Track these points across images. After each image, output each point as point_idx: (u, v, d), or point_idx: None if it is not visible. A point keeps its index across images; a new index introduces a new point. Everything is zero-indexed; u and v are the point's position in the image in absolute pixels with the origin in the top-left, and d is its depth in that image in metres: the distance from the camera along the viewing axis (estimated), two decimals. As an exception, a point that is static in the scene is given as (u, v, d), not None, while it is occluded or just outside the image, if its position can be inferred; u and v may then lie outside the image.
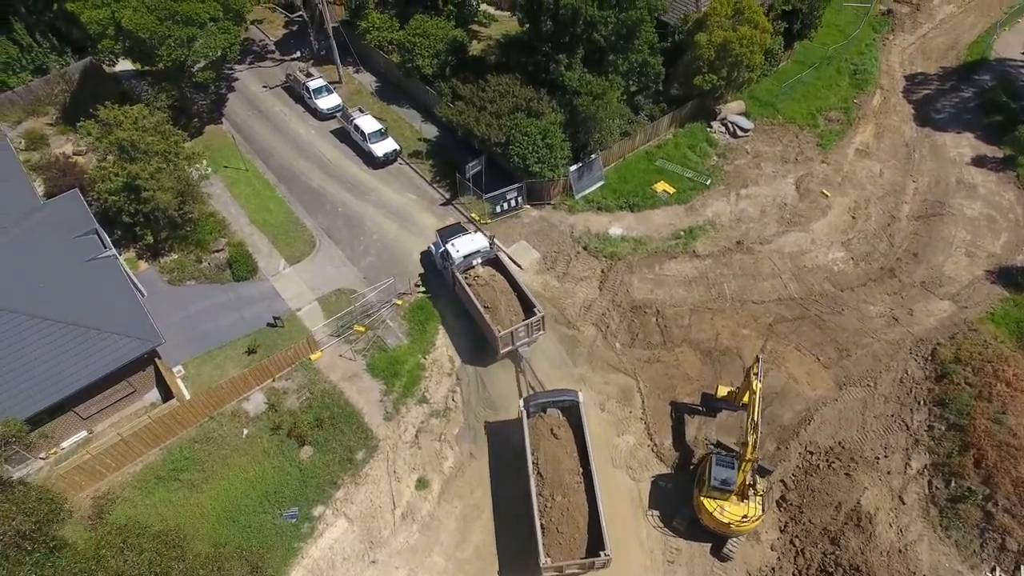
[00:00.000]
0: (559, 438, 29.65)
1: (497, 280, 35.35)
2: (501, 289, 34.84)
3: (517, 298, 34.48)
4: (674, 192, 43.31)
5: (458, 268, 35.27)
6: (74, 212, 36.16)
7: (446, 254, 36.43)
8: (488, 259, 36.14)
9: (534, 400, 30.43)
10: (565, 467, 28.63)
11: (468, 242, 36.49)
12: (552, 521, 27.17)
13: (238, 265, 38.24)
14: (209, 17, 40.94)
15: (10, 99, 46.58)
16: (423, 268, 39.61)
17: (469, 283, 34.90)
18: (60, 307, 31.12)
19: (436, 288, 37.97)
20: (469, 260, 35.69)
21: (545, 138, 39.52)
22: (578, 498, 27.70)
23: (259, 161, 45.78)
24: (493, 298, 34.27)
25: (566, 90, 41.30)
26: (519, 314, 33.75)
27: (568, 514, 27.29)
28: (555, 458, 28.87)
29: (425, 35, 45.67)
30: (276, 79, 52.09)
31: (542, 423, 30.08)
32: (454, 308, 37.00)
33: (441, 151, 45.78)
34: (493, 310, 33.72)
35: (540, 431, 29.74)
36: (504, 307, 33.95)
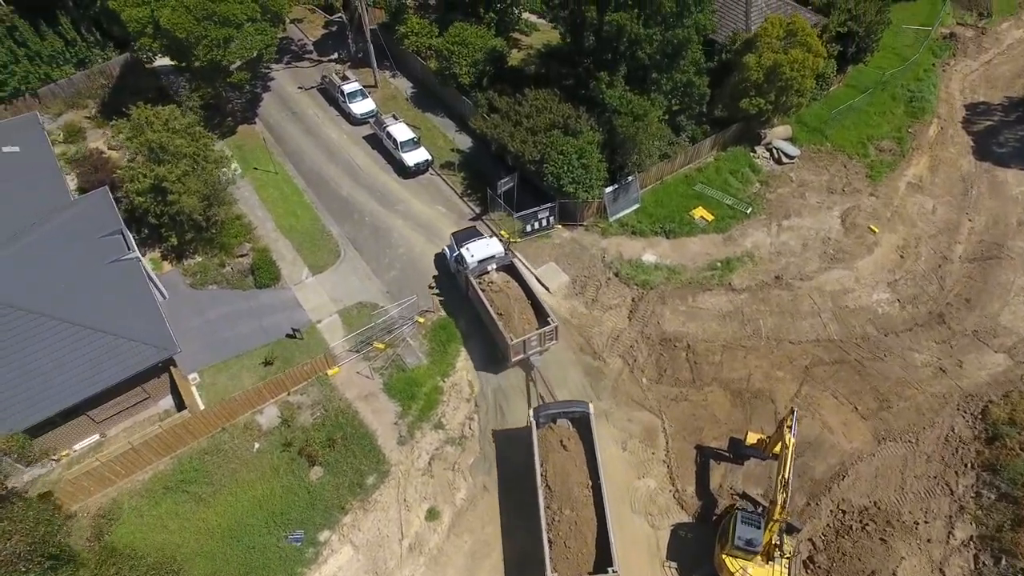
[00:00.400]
0: (568, 450, 29.03)
1: (511, 287, 34.86)
2: (515, 296, 34.35)
3: (531, 306, 33.99)
4: (712, 220, 41.56)
5: (472, 273, 34.68)
6: (101, 211, 35.93)
7: (460, 258, 35.87)
8: (503, 265, 35.44)
9: (544, 411, 29.84)
10: (574, 480, 28.06)
11: (483, 247, 35.87)
12: (560, 535, 26.61)
13: (261, 272, 37.66)
14: (246, 18, 40.47)
15: (52, 91, 46.80)
16: (437, 271, 39.01)
17: (483, 288, 34.33)
18: (79, 309, 30.82)
19: (456, 303, 36.89)
20: (484, 265, 35.10)
21: (581, 158, 38.16)
22: (587, 512, 27.14)
23: (289, 164, 45.22)
24: (507, 305, 33.87)
25: (605, 108, 39.88)
26: (532, 323, 33.32)
27: (576, 528, 26.73)
28: (564, 470, 28.32)
29: (464, 43, 44.58)
30: (312, 80, 51.54)
31: (551, 434, 29.51)
32: (477, 331, 35.88)
33: (474, 163, 44.71)
34: (506, 317, 33.27)
35: (549, 442, 29.17)
36: (517, 315, 33.51)
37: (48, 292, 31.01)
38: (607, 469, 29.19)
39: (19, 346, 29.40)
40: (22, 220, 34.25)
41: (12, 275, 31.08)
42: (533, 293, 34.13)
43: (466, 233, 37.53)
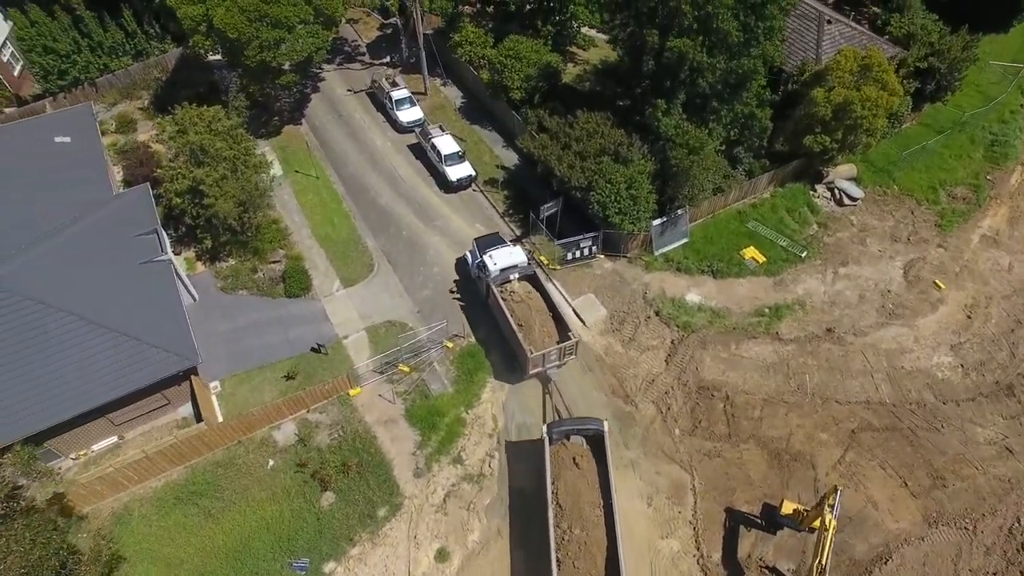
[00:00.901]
0: (581, 468, 28.38)
1: (533, 298, 34.29)
2: (537, 308, 33.78)
3: (552, 319, 33.36)
4: (764, 261, 39.24)
5: (494, 282, 34.12)
6: (140, 208, 35.71)
7: (482, 265, 35.26)
8: (525, 275, 34.81)
9: (558, 427, 29.22)
10: (585, 499, 27.42)
11: (506, 255, 35.24)
12: (568, 555, 26.00)
13: (292, 281, 36.98)
14: (299, 20, 39.81)
15: (110, 81, 47.15)
16: (457, 275, 38.45)
17: (504, 298, 33.74)
18: (107, 311, 30.53)
19: (487, 329, 35.55)
20: (506, 274, 34.54)
21: (630, 188, 36.36)
22: (597, 533, 26.52)
23: (331, 169, 44.53)
24: (527, 316, 33.29)
25: (660, 136, 38.00)
26: (553, 335, 32.74)
27: (586, 548, 26.12)
28: (575, 489, 27.72)
29: (518, 57, 43.13)
30: (362, 83, 50.80)
31: (564, 451, 28.85)
32: (507, 360, 34.51)
33: (518, 182, 43.26)
34: (527, 329, 32.70)
35: (562, 460, 28.52)
36: (538, 327, 32.92)
37: (78, 291, 30.80)
38: (629, 524, 27.73)
39: (45, 344, 29.22)
40: (63, 214, 34.15)
41: (45, 271, 30.92)
42: (555, 305, 33.57)
43: (489, 240, 36.85)
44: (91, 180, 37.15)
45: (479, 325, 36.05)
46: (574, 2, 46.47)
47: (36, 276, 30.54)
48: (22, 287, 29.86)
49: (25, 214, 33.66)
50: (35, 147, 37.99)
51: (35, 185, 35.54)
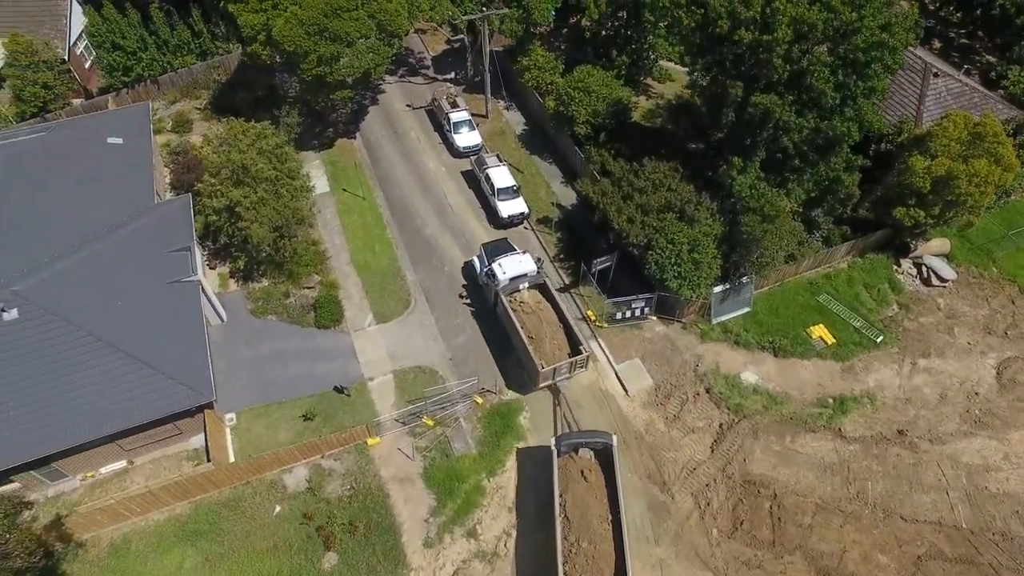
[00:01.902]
0: (589, 482, 28.27)
1: (543, 308, 34.03)
2: (547, 320, 33.52)
3: (563, 331, 33.02)
4: (832, 343, 35.42)
5: (503, 291, 33.63)
6: (177, 221, 34.65)
7: (491, 274, 34.56)
8: (535, 284, 34.53)
9: (566, 439, 28.99)
10: (593, 512, 27.32)
11: (516, 264, 34.52)
12: (576, 568, 25.89)
13: (324, 311, 35.29)
14: (360, 35, 37.94)
15: (172, 79, 46.59)
16: (465, 279, 37.79)
17: (514, 308, 33.35)
18: (127, 333, 29.44)
19: (518, 383, 33.09)
20: (515, 283, 34.15)
21: (693, 251, 33.16)
22: (605, 546, 26.31)
23: (379, 190, 42.68)
24: (538, 329, 33.01)
25: (731, 193, 34.68)
26: (563, 348, 32.52)
27: (593, 562, 26.00)
28: (583, 502, 27.67)
29: (587, 90, 40.23)
30: (422, 99, 48.77)
31: (573, 464, 28.82)
32: (539, 425, 32.00)
33: (574, 224, 40.45)
34: (537, 341, 32.39)
35: (570, 473, 28.50)
36: (548, 339, 32.68)
37: (101, 308, 29.80)
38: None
39: (61, 363, 28.29)
40: (103, 219, 33.43)
41: (71, 285, 30.03)
42: (566, 317, 32.95)
43: (497, 246, 36.03)
44: (136, 186, 36.30)
45: (512, 379, 33.62)
46: (654, 33, 43.22)
47: (61, 290, 29.69)
48: (46, 301, 29.05)
49: (66, 218, 33.11)
50: (87, 147, 37.40)
51: (81, 188, 34.94)
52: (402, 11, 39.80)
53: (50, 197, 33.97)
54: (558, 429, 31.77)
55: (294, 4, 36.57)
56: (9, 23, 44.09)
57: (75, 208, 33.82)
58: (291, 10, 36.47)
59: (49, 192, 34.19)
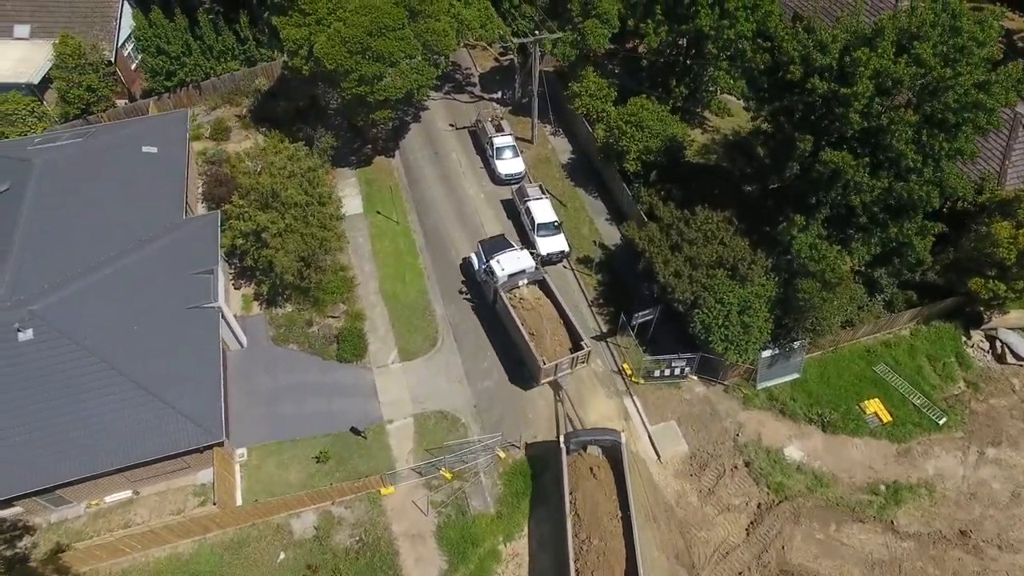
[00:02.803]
0: (598, 479, 28.42)
1: (543, 305, 33.98)
2: (548, 316, 33.45)
3: (563, 326, 32.94)
4: (889, 421, 32.49)
5: (503, 288, 33.41)
6: (203, 241, 33.56)
7: (490, 271, 34.30)
8: (535, 280, 34.46)
9: (575, 437, 28.96)
10: (603, 510, 27.47)
11: (514, 260, 34.35)
12: (587, 565, 25.98)
13: (347, 344, 33.79)
14: (404, 55, 36.23)
15: (214, 85, 45.68)
16: (463, 275, 37.81)
17: (514, 305, 33.23)
18: (140, 361, 28.43)
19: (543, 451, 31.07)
20: (514, 280, 34.02)
21: (743, 313, 30.62)
22: (615, 543, 26.44)
23: (414, 214, 41.02)
24: (538, 325, 32.97)
25: (788, 249, 32.05)
26: (564, 343, 32.52)
27: (604, 559, 26.13)
28: (593, 500, 27.79)
29: (640, 125, 37.82)
30: (466, 119, 46.88)
31: (581, 462, 28.91)
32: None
33: (616, 267, 38.08)
34: (538, 337, 32.33)
35: (579, 470, 28.57)
36: (549, 336, 32.65)
37: (117, 332, 28.78)
38: None
39: (71, 389, 27.38)
40: (130, 234, 32.61)
41: (89, 305, 29.05)
42: (566, 312, 32.78)
43: (494, 243, 35.78)
44: (167, 199, 35.41)
45: (536, 431, 31.65)
46: (716, 65, 40.53)
47: (79, 311, 28.74)
48: (62, 322, 28.13)
49: (94, 231, 32.42)
50: (121, 155, 36.55)
51: (111, 199, 34.14)
52: (451, 31, 37.99)
53: (80, 208, 33.13)
54: (563, 427, 31.53)
55: (339, 21, 35.03)
56: (63, 23, 43.72)
57: (103, 220, 32.97)
58: (335, 26, 34.95)
59: (79, 202, 33.35)
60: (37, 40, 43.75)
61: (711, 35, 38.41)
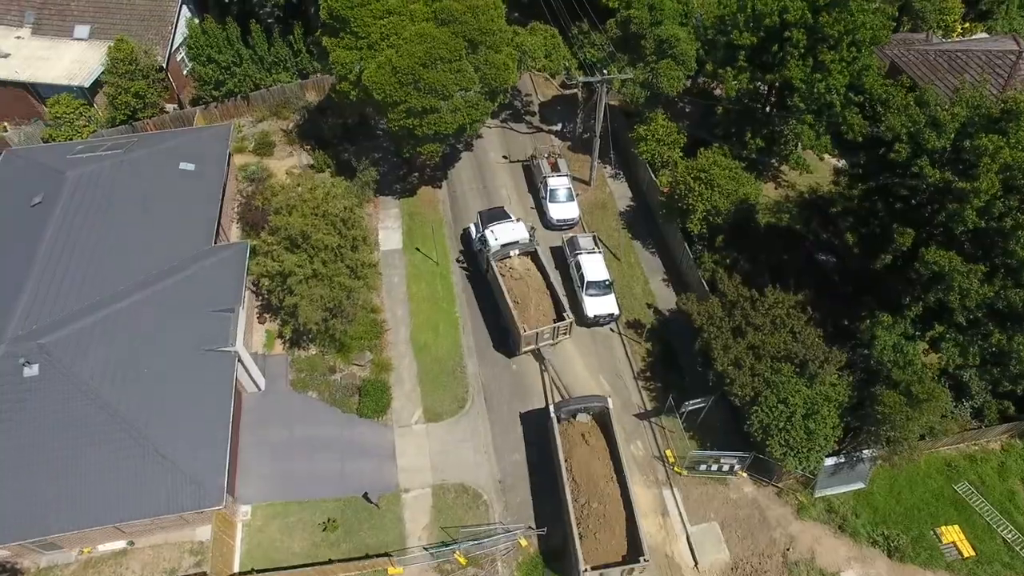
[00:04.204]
0: (590, 445, 29.03)
1: (532, 275, 34.43)
2: (535, 287, 33.98)
3: (549, 298, 33.48)
4: (970, 555, 28.25)
5: (494, 256, 34.01)
6: (229, 274, 31.69)
7: (484, 240, 35.18)
8: (527, 251, 34.86)
9: (564, 407, 29.46)
10: (599, 474, 28.09)
11: (508, 231, 35.13)
12: (589, 528, 26.65)
13: (368, 398, 31.47)
14: (459, 88, 33.57)
15: (262, 96, 44.03)
16: (463, 245, 38.63)
17: (502, 273, 33.74)
18: (145, 408, 26.80)
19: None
20: (506, 250, 34.56)
21: (808, 416, 26.97)
22: (613, 505, 27.27)
23: (455, 255, 38.37)
24: (524, 294, 33.59)
25: (870, 350, 28.18)
26: (548, 314, 33.05)
27: (605, 521, 26.86)
28: (588, 465, 28.37)
29: (709, 183, 34.22)
30: (521, 151, 43.95)
31: (573, 429, 29.57)
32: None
33: (668, 336, 34.60)
34: (522, 306, 32.95)
35: (571, 438, 29.26)
36: (534, 306, 33.25)
37: (123, 375, 27.15)
38: None
39: (69, 433, 25.81)
40: (155, 261, 31.10)
41: (99, 341, 27.46)
42: (553, 285, 33.39)
43: (492, 214, 36.75)
44: (197, 224, 33.79)
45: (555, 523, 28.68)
46: (800, 119, 36.48)
47: (88, 347, 27.26)
48: (69, 359, 26.74)
49: (118, 255, 31.05)
50: (157, 172, 35.10)
51: (142, 221, 32.74)
52: (511, 64, 35.13)
53: (107, 230, 31.66)
54: (550, 397, 31.98)
55: (391, 48, 32.59)
56: (121, 25, 42.84)
57: (129, 245, 31.56)
58: (386, 53, 32.52)
59: (107, 224, 31.86)
60: (95, 41, 42.95)
61: (800, 88, 34.50)
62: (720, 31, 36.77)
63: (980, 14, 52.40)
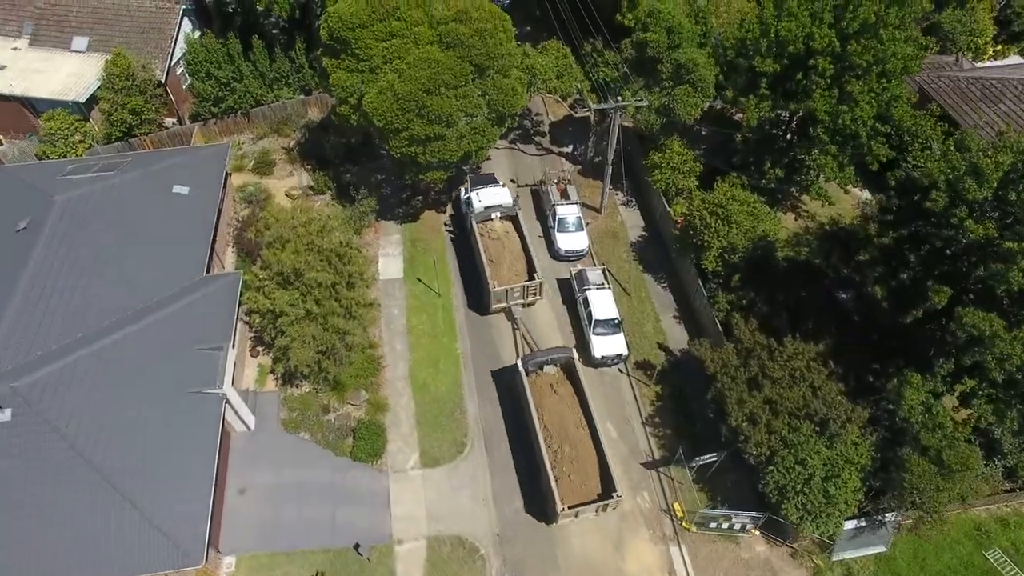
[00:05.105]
0: (559, 394, 30.21)
1: (511, 238, 35.52)
2: (512, 249, 35.06)
3: (525, 262, 34.61)
4: (1001, 631, 26.52)
5: (476, 218, 35.28)
6: (220, 308, 30.36)
7: (468, 202, 36.61)
8: (508, 215, 35.94)
9: (531, 359, 30.47)
10: (569, 420, 29.38)
11: (492, 195, 36.50)
12: (564, 471, 27.95)
13: (363, 441, 29.97)
14: (464, 115, 31.97)
15: (263, 113, 42.63)
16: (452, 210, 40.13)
17: (482, 234, 34.98)
18: (123, 457, 25.35)
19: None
20: (488, 212, 35.70)
21: (828, 479, 25.22)
22: (584, 447, 28.54)
23: (458, 285, 36.79)
24: (500, 254, 34.76)
25: (895, 407, 26.32)
26: (521, 276, 34.03)
27: (578, 463, 28.12)
28: (559, 413, 29.61)
29: (726, 218, 32.44)
30: (530, 174, 42.25)
31: (541, 380, 30.66)
32: None
33: (679, 379, 32.83)
34: (496, 265, 34.11)
35: (540, 388, 30.36)
36: (507, 266, 34.41)
37: (102, 420, 25.69)
38: None
39: (39, 484, 24.30)
40: (142, 294, 29.67)
41: (77, 385, 25.96)
42: (529, 249, 34.42)
43: (481, 178, 38.16)
44: (189, 253, 32.34)
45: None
46: (824, 150, 34.54)
47: (67, 389, 25.78)
48: (45, 403, 25.25)
49: (102, 289, 29.39)
50: (150, 196, 33.59)
51: (128, 250, 31.00)
52: (520, 89, 33.48)
53: (93, 259, 30.02)
54: (519, 352, 32.91)
55: (394, 72, 31.00)
56: (120, 37, 41.51)
57: (116, 276, 29.94)
58: (388, 78, 30.95)
59: (94, 253, 30.25)
60: (93, 53, 41.64)
61: (824, 120, 32.61)
62: (741, 53, 34.95)
63: (1012, 35, 50.09)
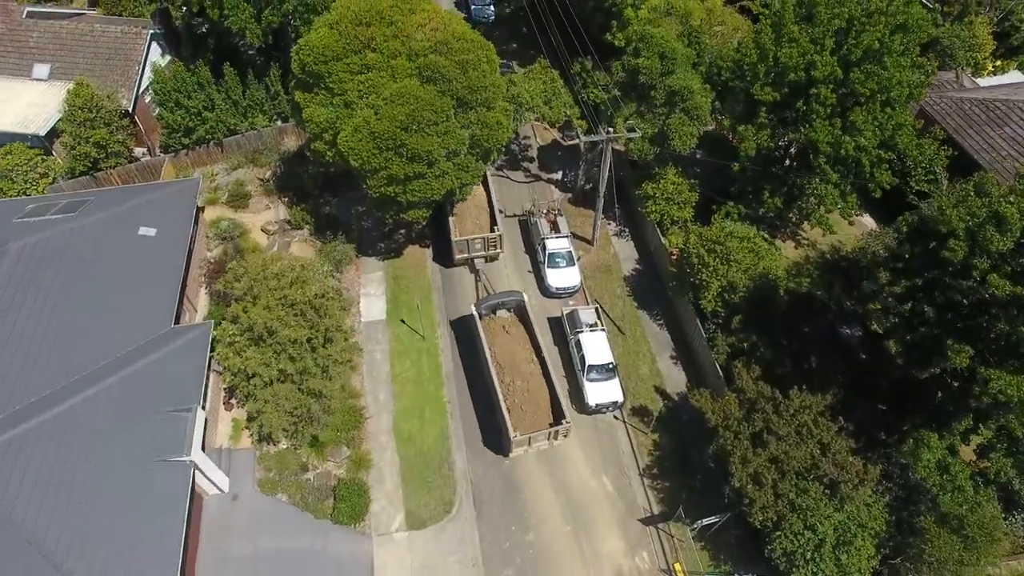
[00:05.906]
0: (511, 334, 31.89)
1: (476, 196, 36.85)
2: (477, 204, 36.84)
3: (489, 217, 36.43)
4: None
5: None
6: (188, 365, 28.35)
7: None
8: None
9: (484, 303, 32.19)
10: (521, 357, 30.97)
11: None
12: (516, 403, 29.47)
13: (345, 502, 28.09)
14: (446, 151, 30.13)
15: (238, 143, 40.57)
16: None
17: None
18: (79, 543, 23.04)
19: None
20: None
21: (839, 547, 23.60)
22: (535, 381, 30.21)
23: (444, 326, 34.97)
24: (464, 209, 36.29)
25: (910, 464, 24.76)
26: (483, 228, 35.71)
27: (529, 395, 29.74)
28: (510, 351, 31.28)
29: (724, 256, 30.76)
30: (518, 203, 40.41)
31: (495, 323, 32.40)
32: None
33: (679, 426, 31.19)
34: (460, 219, 35.71)
35: (493, 330, 31.97)
36: (472, 220, 36.17)
37: (56, 497, 23.50)
38: None
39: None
40: (105, 349, 27.73)
41: (29, 457, 23.83)
42: (494, 205, 36.35)
43: None
44: (156, 302, 30.45)
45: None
46: (825, 179, 32.90)
47: (12, 464, 23.46)
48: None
49: (60, 346, 27.38)
50: (113, 240, 31.49)
51: (89, 302, 28.99)
52: (505, 121, 31.66)
53: (51, 314, 27.89)
54: (478, 298, 34.71)
55: (370, 108, 29.10)
56: (83, 65, 39.37)
57: (78, 329, 28.02)
58: (364, 114, 29.01)
59: (52, 307, 28.14)
60: (55, 82, 39.42)
61: (825, 150, 31.00)
62: (737, 75, 33.33)
63: (1011, 49, 48.69)
